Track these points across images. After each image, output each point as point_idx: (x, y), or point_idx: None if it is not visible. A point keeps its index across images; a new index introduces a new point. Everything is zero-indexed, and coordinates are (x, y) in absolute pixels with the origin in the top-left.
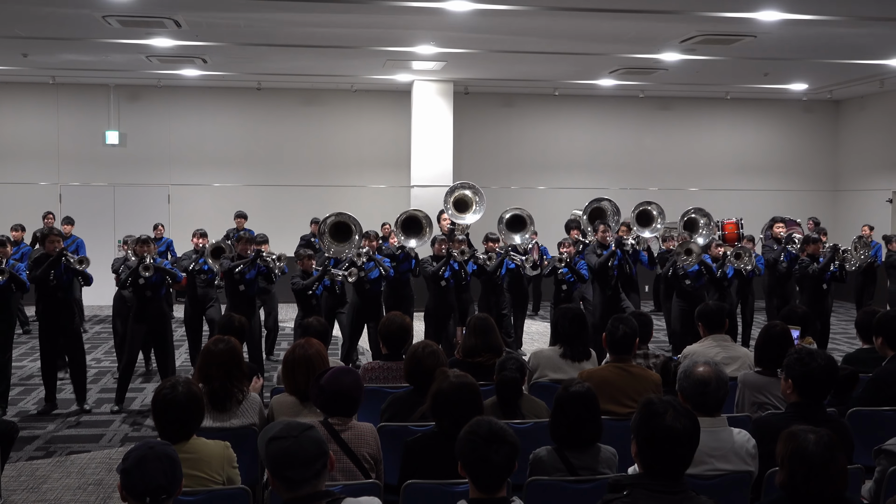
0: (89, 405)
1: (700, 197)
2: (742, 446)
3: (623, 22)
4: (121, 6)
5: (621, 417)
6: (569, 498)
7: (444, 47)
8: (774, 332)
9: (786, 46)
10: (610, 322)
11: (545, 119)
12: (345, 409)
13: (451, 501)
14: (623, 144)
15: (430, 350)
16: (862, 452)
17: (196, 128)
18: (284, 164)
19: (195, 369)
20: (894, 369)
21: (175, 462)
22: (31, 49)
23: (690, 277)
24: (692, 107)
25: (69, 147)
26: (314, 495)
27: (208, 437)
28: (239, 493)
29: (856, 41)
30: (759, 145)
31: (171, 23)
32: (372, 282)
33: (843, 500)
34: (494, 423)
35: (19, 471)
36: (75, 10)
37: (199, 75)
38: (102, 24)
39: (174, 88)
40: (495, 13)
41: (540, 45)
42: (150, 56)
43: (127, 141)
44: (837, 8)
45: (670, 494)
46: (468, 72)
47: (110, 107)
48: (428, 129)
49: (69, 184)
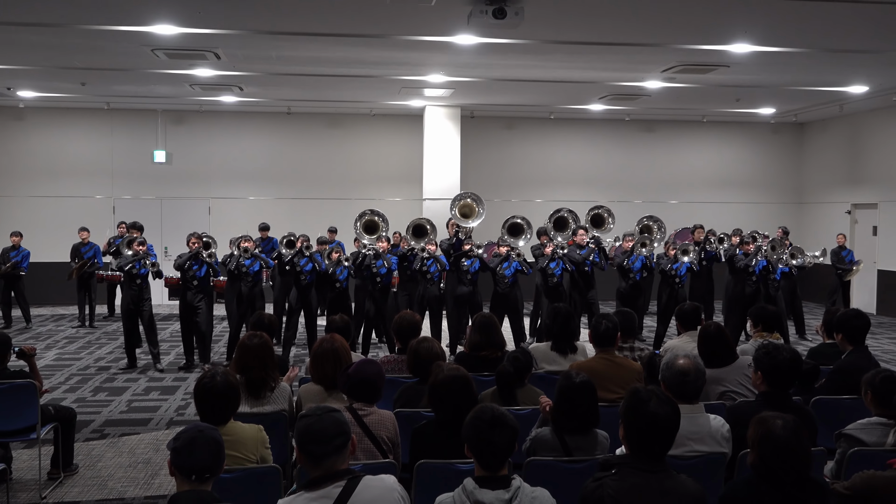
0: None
1: (680, 209)
2: (717, 430)
3: (611, 54)
4: (168, 41)
5: (609, 403)
6: (564, 476)
7: (452, 76)
8: (710, 331)
9: (756, 75)
10: (595, 318)
11: (542, 140)
12: (368, 395)
13: (458, 479)
14: (611, 162)
15: (425, 344)
16: (824, 436)
17: (233, 147)
18: (310, 180)
19: (233, 361)
20: (853, 362)
21: (220, 445)
22: (88, 79)
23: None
24: (672, 129)
25: (122, 165)
26: (336, 473)
27: (244, 422)
28: (271, 471)
29: (819, 70)
30: (732, 163)
31: (211, 55)
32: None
33: (807, 479)
34: (497, 409)
35: (78, 450)
36: (128, 44)
37: (235, 101)
38: (151, 57)
39: (214, 113)
40: (497, 47)
41: (537, 75)
42: (193, 84)
43: (172, 159)
44: (802, 41)
45: (654, 473)
46: (474, 98)
47: (158, 129)
48: (438, 149)
49: (121, 197)
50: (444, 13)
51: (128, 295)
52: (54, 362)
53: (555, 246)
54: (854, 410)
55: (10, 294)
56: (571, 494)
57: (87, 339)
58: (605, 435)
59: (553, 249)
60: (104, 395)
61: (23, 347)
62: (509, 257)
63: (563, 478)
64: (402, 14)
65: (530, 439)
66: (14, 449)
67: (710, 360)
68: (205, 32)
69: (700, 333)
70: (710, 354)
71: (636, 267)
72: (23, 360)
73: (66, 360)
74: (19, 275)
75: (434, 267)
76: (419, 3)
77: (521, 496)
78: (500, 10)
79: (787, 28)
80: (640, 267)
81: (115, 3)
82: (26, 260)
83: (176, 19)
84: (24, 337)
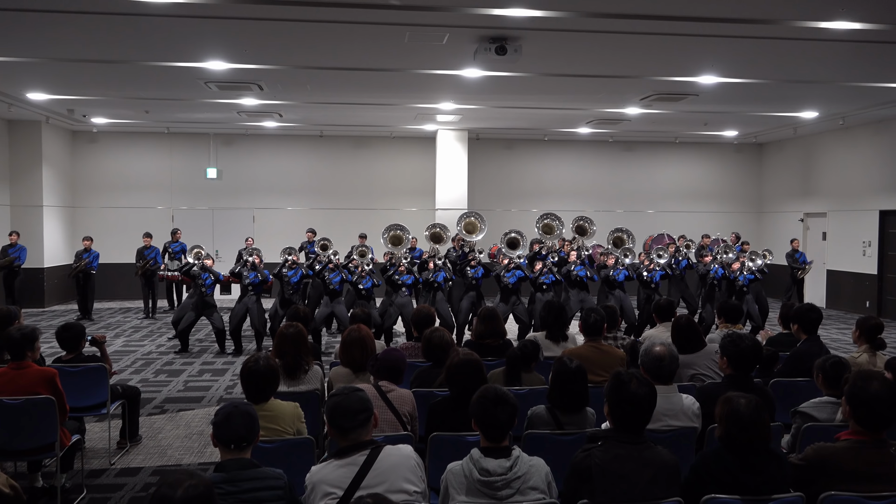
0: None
1: (655, 217)
2: (689, 408)
3: (596, 85)
4: (218, 75)
5: (596, 385)
6: (557, 447)
7: (460, 104)
8: (682, 323)
9: (721, 103)
10: (584, 312)
11: (537, 158)
12: (392, 376)
13: (466, 449)
14: (597, 177)
15: (437, 333)
16: (782, 413)
17: (274, 165)
18: (340, 192)
19: (273, 347)
20: (807, 349)
21: (253, 418)
22: (151, 107)
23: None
24: (649, 148)
25: (179, 180)
26: (361, 443)
27: (283, 399)
28: (306, 442)
29: (775, 98)
30: (700, 178)
31: (255, 87)
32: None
33: (767, 450)
34: (500, 389)
35: (142, 424)
36: (185, 78)
37: (276, 126)
38: (205, 89)
39: (258, 136)
40: (499, 79)
41: (533, 103)
42: (240, 112)
43: (222, 175)
44: (761, 73)
45: (634, 445)
46: (479, 123)
47: (210, 150)
48: (448, 166)
49: (179, 208)
50: (453, 50)
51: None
52: (122, 348)
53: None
54: (807, 391)
55: (85, 290)
56: (563, 463)
57: (150, 328)
58: (592, 412)
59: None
60: (164, 377)
61: (95, 336)
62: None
63: (556, 448)
64: (418, 51)
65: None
66: (88, 422)
67: (682, 347)
68: (250, 68)
69: (673, 324)
70: (682, 342)
71: (620, 279)
72: (95, 346)
73: (131, 347)
74: (90, 273)
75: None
76: (432, 42)
77: (520, 464)
78: (501, 47)
79: (748, 62)
80: (623, 279)
81: (174, 44)
82: (96, 260)
83: (226, 57)
84: (95, 327)
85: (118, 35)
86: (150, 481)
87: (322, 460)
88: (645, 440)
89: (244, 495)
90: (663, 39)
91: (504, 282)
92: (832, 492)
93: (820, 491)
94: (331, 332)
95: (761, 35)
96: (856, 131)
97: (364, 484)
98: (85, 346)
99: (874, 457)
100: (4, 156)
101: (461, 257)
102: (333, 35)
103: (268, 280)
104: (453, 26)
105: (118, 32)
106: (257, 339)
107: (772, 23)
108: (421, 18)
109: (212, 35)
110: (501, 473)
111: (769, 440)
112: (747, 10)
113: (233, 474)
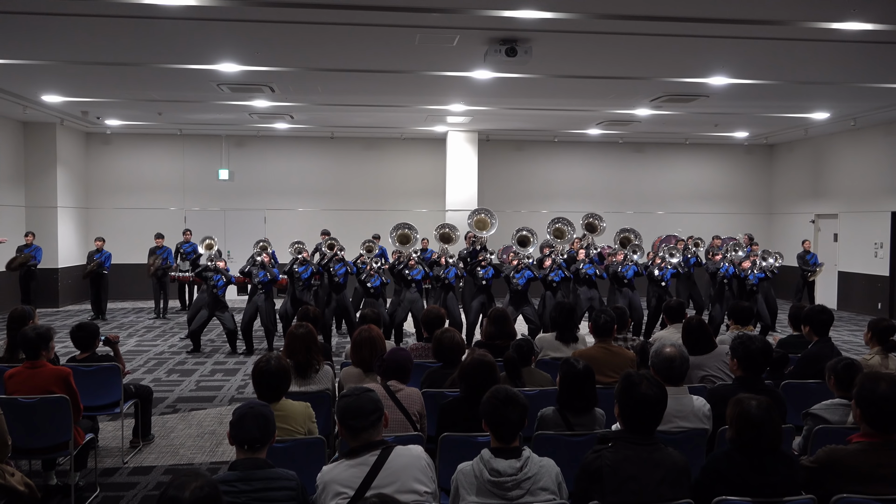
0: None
1: (665, 218)
2: (700, 409)
3: (606, 86)
4: (230, 77)
5: (606, 386)
6: (567, 448)
7: (470, 106)
8: (692, 324)
9: (731, 103)
10: (594, 313)
11: (547, 159)
12: (400, 375)
13: (476, 450)
14: (607, 178)
15: (448, 334)
16: (793, 415)
17: (285, 166)
18: (350, 193)
19: (284, 347)
20: (818, 351)
21: (268, 419)
22: (164, 109)
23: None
24: (659, 150)
25: (191, 181)
26: (372, 443)
27: (294, 399)
28: (317, 442)
29: (786, 99)
30: (710, 179)
31: (267, 89)
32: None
33: (778, 452)
34: (510, 389)
35: (154, 423)
36: (197, 80)
37: (287, 128)
38: (217, 91)
39: (269, 137)
40: (509, 81)
41: (543, 104)
42: (252, 113)
43: (234, 176)
44: (772, 74)
45: (644, 446)
46: (489, 124)
47: (222, 151)
48: (458, 167)
49: (191, 209)
50: (463, 52)
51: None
52: (135, 348)
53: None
54: (819, 393)
55: (98, 290)
56: (573, 464)
57: (162, 328)
58: (602, 413)
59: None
60: (176, 376)
61: (108, 336)
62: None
63: (566, 449)
64: (428, 53)
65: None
66: (101, 421)
67: (692, 348)
68: (262, 70)
69: (684, 325)
70: (692, 344)
71: (629, 275)
72: (108, 346)
73: (144, 347)
74: (103, 273)
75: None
76: (443, 44)
77: (530, 465)
78: (511, 49)
79: (759, 63)
80: (632, 276)
81: (187, 47)
82: (108, 261)
83: (238, 59)
84: (108, 327)
85: (132, 38)
86: (163, 480)
87: (333, 460)
88: (655, 441)
89: (256, 494)
90: (674, 41)
91: (514, 285)
92: (843, 494)
93: (831, 493)
94: (341, 333)
95: (772, 36)
96: (867, 132)
97: (375, 484)
98: (98, 346)
99: (885, 459)
100: (20, 157)
101: (472, 254)
102: (344, 37)
103: (277, 278)
104: (464, 28)
105: (132, 35)
106: (268, 337)
107: (782, 24)
108: (431, 20)
109: (224, 38)
110: (512, 474)
111: (780, 442)
112: (758, 12)
113: (246, 473)
